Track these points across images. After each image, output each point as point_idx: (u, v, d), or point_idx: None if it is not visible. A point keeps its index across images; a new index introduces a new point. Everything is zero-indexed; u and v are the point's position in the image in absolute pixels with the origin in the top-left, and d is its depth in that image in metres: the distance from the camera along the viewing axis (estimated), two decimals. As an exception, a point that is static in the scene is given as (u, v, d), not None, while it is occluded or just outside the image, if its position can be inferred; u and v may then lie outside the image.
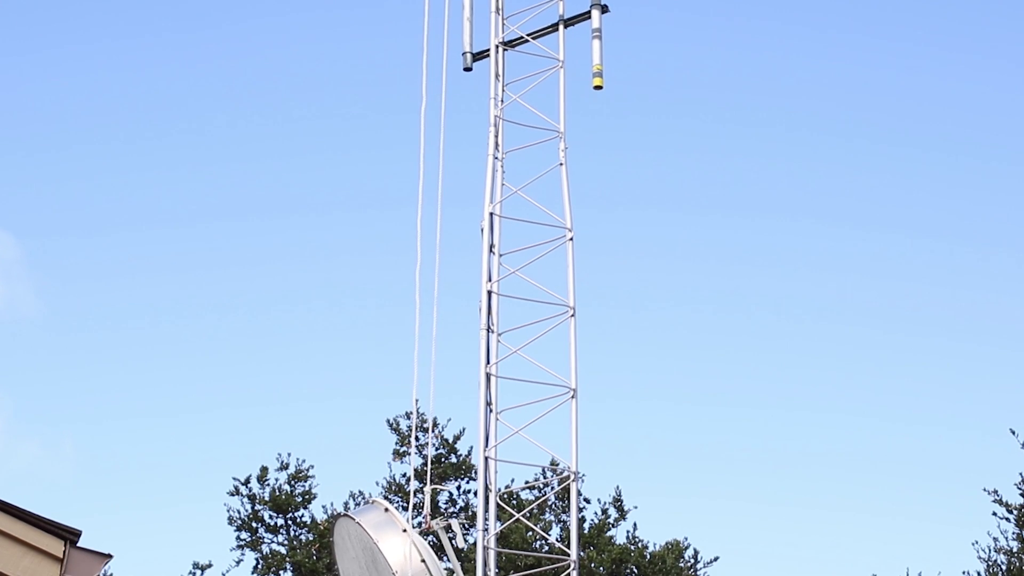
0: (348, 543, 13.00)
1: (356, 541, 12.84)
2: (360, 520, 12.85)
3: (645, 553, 24.29)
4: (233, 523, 26.03)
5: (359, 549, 12.83)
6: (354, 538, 12.88)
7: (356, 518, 12.92)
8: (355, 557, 12.91)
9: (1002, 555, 23.29)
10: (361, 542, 12.77)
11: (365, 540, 12.68)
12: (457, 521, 13.35)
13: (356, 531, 12.85)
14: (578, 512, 14.89)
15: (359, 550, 12.83)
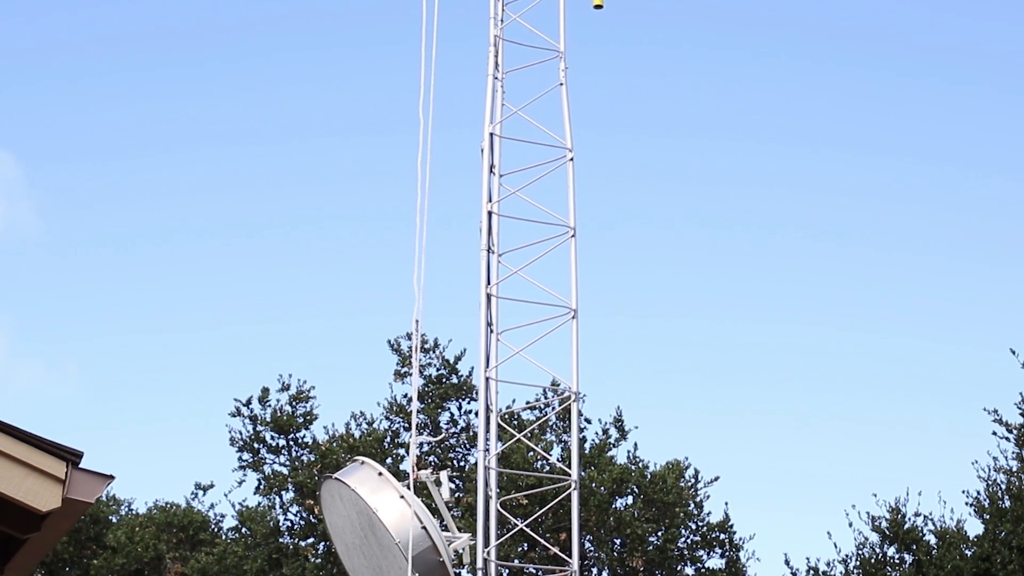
0: (339, 503, 12.81)
1: (349, 504, 12.64)
2: (355, 486, 12.57)
3: (646, 473, 24.39)
4: (235, 444, 26.15)
5: (352, 512, 12.65)
6: (346, 500, 12.67)
7: (351, 484, 12.60)
8: (346, 516, 12.74)
9: (1002, 474, 23.37)
10: (355, 505, 12.59)
11: (360, 505, 12.54)
12: (446, 473, 13.23)
13: (349, 495, 12.66)
14: (579, 432, 14.95)
15: (352, 512, 12.66)
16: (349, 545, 12.90)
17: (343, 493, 12.74)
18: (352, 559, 12.91)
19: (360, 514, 12.57)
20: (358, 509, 12.55)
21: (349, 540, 12.89)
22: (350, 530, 12.78)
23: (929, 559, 23.33)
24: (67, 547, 28.59)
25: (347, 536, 12.91)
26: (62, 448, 8.10)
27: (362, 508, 12.50)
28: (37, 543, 8.59)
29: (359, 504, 12.53)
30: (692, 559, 24.73)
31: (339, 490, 12.81)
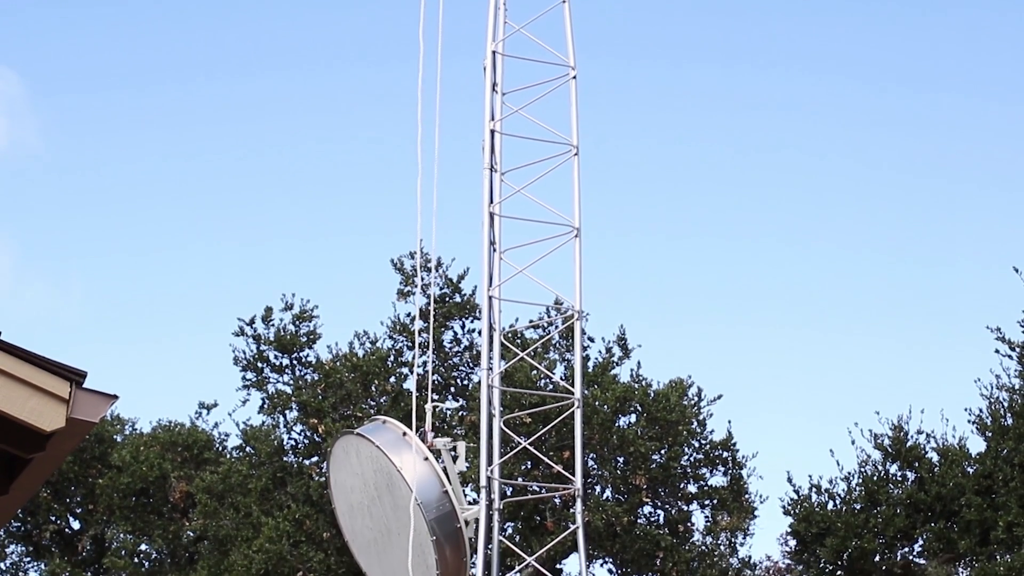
0: (353, 460, 12.68)
1: (367, 461, 12.52)
2: (380, 444, 12.54)
3: (649, 391, 24.42)
4: (239, 363, 26.18)
5: (369, 470, 12.51)
6: (365, 457, 12.55)
7: (376, 442, 12.46)
8: (359, 474, 12.59)
9: (1004, 392, 23.44)
10: (375, 463, 12.48)
11: (382, 463, 12.42)
12: (463, 444, 13.13)
13: (371, 452, 12.52)
14: (582, 351, 14.95)
15: (369, 471, 12.51)
16: (354, 505, 12.73)
17: (363, 450, 12.56)
18: (354, 520, 12.75)
19: (379, 472, 12.40)
20: (378, 467, 12.39)
21: (356, 500, 12.71)
22: (361, 489, 12.60)
23: (931, 476, 23.44)
24: (72, 466, 28.74)
25: (354, 496, 12.72)
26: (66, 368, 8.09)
27: (383, 466, 12.34)
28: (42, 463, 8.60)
29: (380, 462, 12.37)
30: (695, 477, 24.83)
31: (359, 446, 12.62)
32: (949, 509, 23.20)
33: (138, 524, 28.11)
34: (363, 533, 12.61)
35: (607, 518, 23.37)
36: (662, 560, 24.24)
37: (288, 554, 24.06)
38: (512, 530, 24.00)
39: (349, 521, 12.95)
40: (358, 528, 12.70)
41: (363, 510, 12.69)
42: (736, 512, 25.11)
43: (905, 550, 24.17)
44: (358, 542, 13.06)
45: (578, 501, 13.59)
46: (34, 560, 30.84)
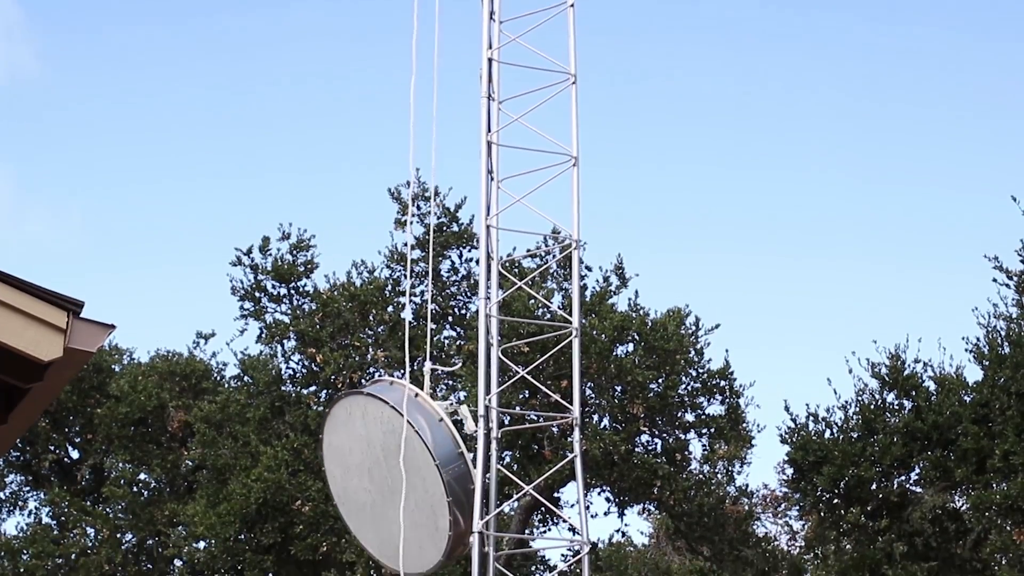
0: (357, 421, 12.32)
1: (374, 422, 12.20)
2: (396, 405, 12.27)
3: (646, 320, 24.41)
4: (236, 293, 26.18)
5: (377, 431, 12.21)
6: (372, 418, 12.28)
7: (391, 402, 12.25)
8: (362, 436, 12.28)
9: (1001, 321, 23.42)
10: (384, 424, 12.17)
11: (394, 424, 12.20)
12: (467, 407, 13.00)
13: (381, 413, 12.28)
14: (579, 280, 14.93)
15: (377, 432, 12.21)
16: (351, 466, 12.46)
17: (372, 410, 12.28)
18: (348, 481, 12.51)
19: (389, 434, 12.16)
20: (389, 428, 12.14)
21: (355, 461, 12.42)
22: (362, 450, 12.33)
23: (928, 405, 23.49)
24: (70, 396, 28.80)
25: (353, 457, 12.43)
26: (63, 298, 8.08)
27: (396, 427, 12.11)
28: (40, 393, 8.61)
29: (394, 423, 12.13)
30: (692, 406, 24.87)
31: (367, 407, 12.37)
32: (946, 438, 23.25)
33: (136, 454, 28.19)
34: (357, 495, 12.35)
35: (605, 447, 23.44)
36: (659, 488, 24.34)
37: (287, 483, 24.15)
38: (510, 459, 24.08)
39: (342, 483, 12.64)
40: (352, 490, 12.43)
41: (361, 472, 12.41)
42: (733, 441, 25.19)
43: (902, 478, 24.25)
44: (349, 504, 12.82)
45: (576, 430, 13.58)
46: (33, 489, 30.97)
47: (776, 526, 33.43)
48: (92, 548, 27.85)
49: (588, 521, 13.67)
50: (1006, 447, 21.98)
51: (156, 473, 28.34)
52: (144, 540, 28.32)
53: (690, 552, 28.15)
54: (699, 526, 25.48)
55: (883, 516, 24.20)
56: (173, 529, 26.83)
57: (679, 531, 26.40)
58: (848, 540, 25.37)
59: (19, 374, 8.31)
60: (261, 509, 24.35)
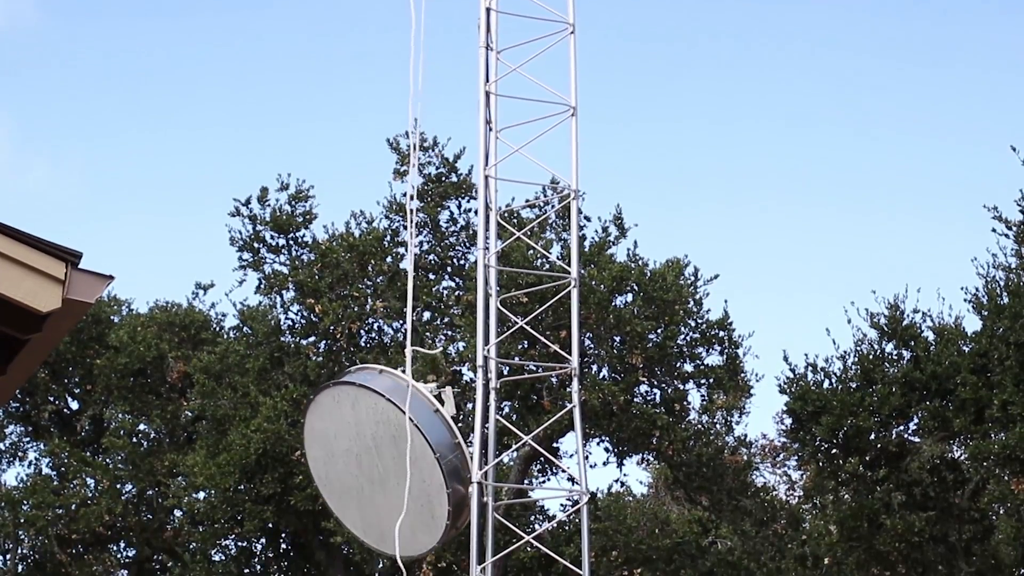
0: (347, 409, 12.19)
1: (365, 411, 12.05)
2: (392, 397, 12.07)
3: (645, 271, 24.39)
4: (235, 244, 26.14)
5: (369, 420, 11.98)
6: (363, 408, 12.16)
7: (385, 394, 12.08)
8: (351, 423, 12.03)
9: (1000, 271, 23.40)
10: (378, 415, 12.07)
11: (389, 415, 12.07)
12: (451, 390, 12.89)
13: (375, 403, 12.12)
14: (578, 230, 14.92)
15: (369, 421, 11.98)
16: (336, 452, 12.25)
17: (363, 400, 12.15)
18: (332, 466, 12.36)
19: (382, 424, 11.98)
20: (382, 419, 11.98)
21: (341, 447, 12.25)
22: (351, 437, 12.16)
23: (927, 355, 23.51)
24: (70, 347, 28.82)
25: (338, 442, 12.28)
26: (61, 248, 8.05)
27: (390, 418, 11.98)
28: (39, 344, 8.59)
29: (388, 414, 12.00)
30: (691, 356, 24.86)
31: (358, 397, 12.24)
32: (944, 388, 23.27)
33: (136, 404, 28.24)
34: (342, 480, 12.19)
35: (603, 397, 23.46)
36: (658, 439, 24.38)
37: (286, 433, 24.19)
38: (509, 409, 24.11)
39: (324, 467, 12.48)
40: (336, 474, 12.25)
41: (348, 458, 12.25)
42: (732, 391, 25.21)
43: (900, 428, 24.29)
44: (332, 486, 12.61)
45: (574, 380, 13.58)
46: (33, 440, 31.04)
47: (775, 476, 33.56)
48: (92, 498, 27.93)
49: (587, 471, 13.69)
50: (1004, 397, 22.00)
51: (156, 424, 28.40)
52: (144, 490, 28.41)
53: (689, 502, 28.23)
54: (698, 476, 25.54)
55: (881, 466, 24.26)
56: (173, 479, 26.91)
57: (678, 481, 26.47)
58: (846, 490, 25.45)
59: (17, 325, 8.28)
60: (261, 459, 24.41)
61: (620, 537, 25.42)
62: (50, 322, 8.20)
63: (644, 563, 25.28)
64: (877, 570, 25.32)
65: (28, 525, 27.49)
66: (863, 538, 24.09)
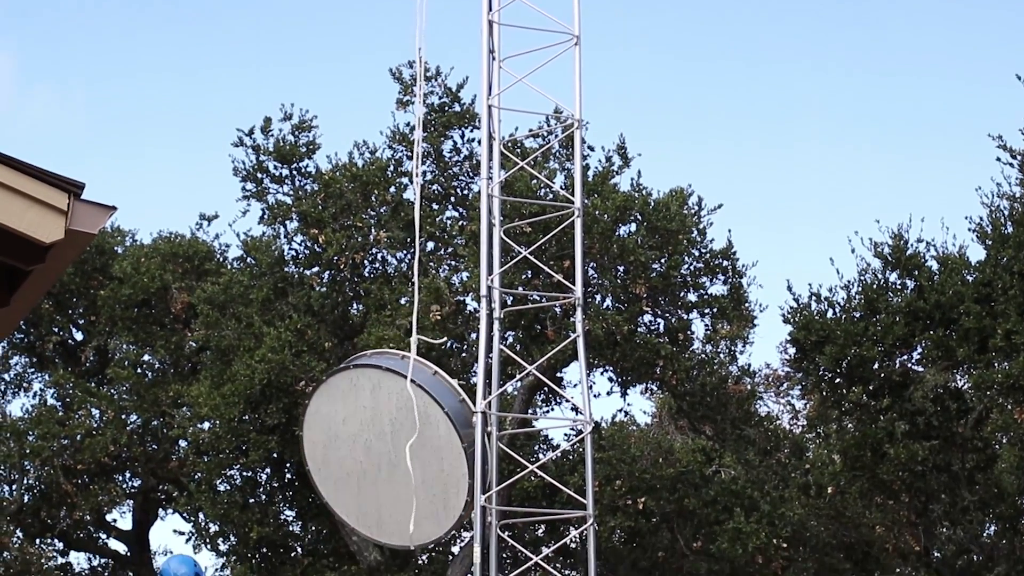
0: (365, 393, 12.02)
1: (389, 395, 11.94)
2: (420, 382, 11.97)
3: (649, 200, 24.32)
4: (238, 174, 26.09)
5: (390, 405, 11.76)
6: (386, 391, 12.00)
7: (417, 380, 11.94)
8: (366, 407, 11.90)
9: (1005, 200, 23.35)
10: (401, 401, 11.92)
11: (421, 401, 11.94)
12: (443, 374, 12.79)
13: (399, 388, 11.96)
14: (582, 160, 14.87)
15: (390, 406, 11.72)
16: (342, 435, 12.13)
17: (387, 384, 12.03)
18: (334, 450, 12.10)
19: (404, 410, 11.86)
20: (404, 405, 11.89)
21: (348, 431, 12.12)
22: (361, 421, 12.05)
23: (931, 284, 23.48)
24: (73, 278, 28.83)
25: (347, 427, 12.15)
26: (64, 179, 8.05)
27: (419, 404, 11.91)
28: (42, 274, 8.60)
29: (418, 399, 11.91)
30: (695, 286, 24.83)
31: (381, 380, 12.09)
32: (948, 317, 23.26)
33: (140, 335, 28.27)
34: (343, 465, 11.98)
35: (607, 327, 23.47)
36: (662, 368, 24.40)
37: (290, 364, 24.23)
38: (513, 339, 24.14)
39: (323, 451, 12.28)
40: (336, 459, 12.04)
41: (355, 442, 12.10)
42: (736, 320, 25.20)
43: (904, 358, 24.31)
44: (328, 471, 12.39)
45: (578, 310, 13.59)
46: (38, 371, 31.11)
47: (778, 405, 33.64)
48: (97, 429, 28.03)
49: (591, 401, 13.72)
50: (1008, 326, 22.00)
51: (160, 354, 28.44)
52: (149, 421, 28.49)
53: (692, 431, 28.31)
54: (702, 405, 25.60)
55: (885, 395, 24.31)
56: (178, 410, 26.98)
57: (682, 411, 26.53)
58: (850, 419, 25.52)
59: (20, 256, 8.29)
60: (265, 390, 24.46)
61: (624, 466, 25.50)
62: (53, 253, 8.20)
63: (648, 492, 25.36)
64: (880, 499, 25.44)
65: (33, 456, 27.60)
66: (866, 467, 24.17)
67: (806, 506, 25.84)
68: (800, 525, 25.05)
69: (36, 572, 26.87)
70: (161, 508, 31.61)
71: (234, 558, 27.23)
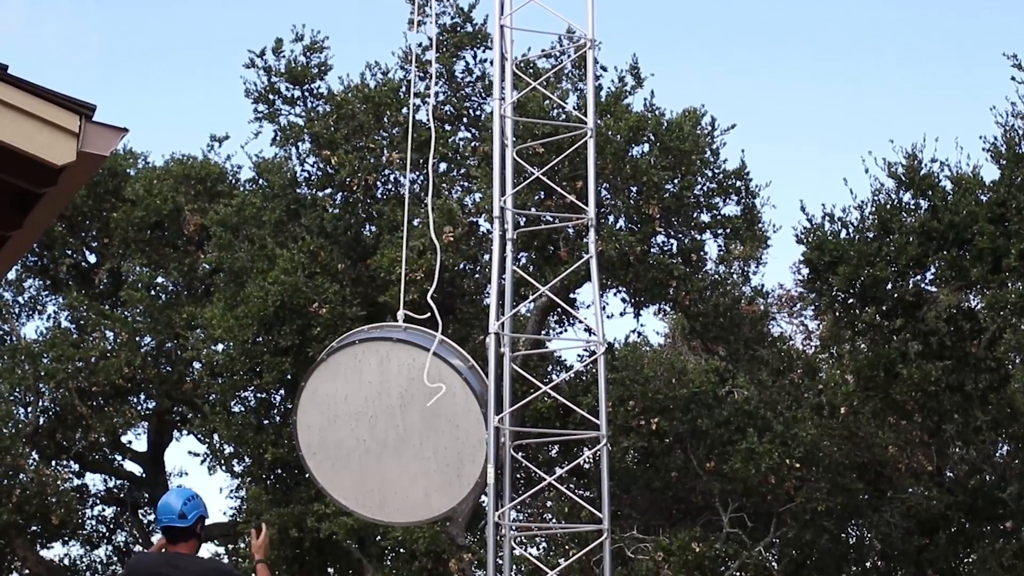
0: (372, 367, 11.77)
1: (400, 369, 11.71)
2: (443, 354, 11.74)
3: (662, 121, 24.24)
4: (250, 95, 26.02)
5: (401, 377, 11.39)
6: (396, 363, 11.76)
7: (441, 354, 11.70)
8: (372, 382, 11.79)
9: (1019, 120, 23.26)
10: (412, 372, 11.69)
11: (440, 372, 11.71)
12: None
13: (412, 360, 11.72)
14: (595, 80, 14.78)
15: (400, 378, 11.41)
16: (342, 415, 11.84)
17: (396, 356, 11.75)
18: (335, 430, 11.60)
19: (415, 381, 11.67)
20: (415, 376, 11.63)
21: (349, 410, 11.83)
22: (366, 398, 11.79)
23: (944, 204, 23.42)
24: (86, 201, 28.83)
25: (348, 405, 11.86)
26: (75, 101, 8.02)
27: (434, 374, 11.67)
28: (54, 197, 8.59)
29: (424, 370, 11.66)
30: (708, 206, 24.78)
31: (390, 352, 11.81)
32: (962, 237, 23.20)
33: (153, 257, 28.30)
34: (342, 445, 11.60)
35: (620, 247, 23.46)
36: (675, 289, 24.40)
37: (303, 286, 24.26)
38: (526, 260, 24.14)
39: (319, 433, 11.90)
40: (333, 440, 11.67)
41: (358, 420, 11.79)
42: (749, 241, 25.17)
43: (917, 278, 24.28)
44: (324, 453, 12.14)
45: (591, 231, 13.56)
46: (52, 294, 31.18)
47: (791, 326, 33.65)
48: (112, 351, 28.12)
49: (604, 322, 13.70)
50: (1022, 246, 21.96)
51: (173, 276, 28.49)
52: (163, 343, 28.58)
53: (706, 352, 28.35)
54: (715, 326, 25.63)
55: (898, 316, 24.31)
56: (191, 332, 27.04)
57: (695, 331, 26.56)
58: (863, 340, 25.54)
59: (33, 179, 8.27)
60: (278, 312, 24.51)
61: (637, 387, 25.55)
62: (65, 175, 8.19)
63: (661, 413, 25.43)
64: (893, 419, 25.49)
65: (48, 378, 27.71)
66: (879, 387, 24.21)
67: (819, 426, 25.90)
68: (813, 445, 25.13)
69: (52, 494, 27.04)
70: (176, 430, 31.78)
71: (248, 479, 27.39)
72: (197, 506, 10.05)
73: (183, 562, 9.84)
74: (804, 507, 25.11)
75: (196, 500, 10.13)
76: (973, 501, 26.33)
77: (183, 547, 9.95)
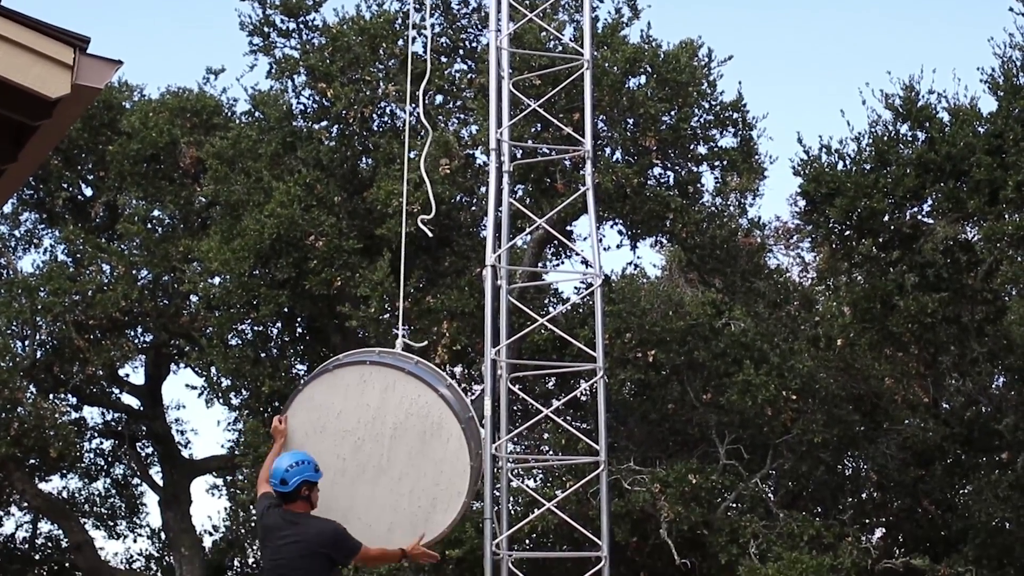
0: (375, 391, 11.60)
1: (401, 401, 11.58)
2: (449, 401, 11.65)
3: (659, 53, 24.15)
4: (245, 28, 25.92)
5: (399, 410, 11.55)
6: (399, 395, 11.61)
7: (447, 400, 11.61)
8: (369, 406, 11.59)
9: (1017, 51, 23.14)
10: (413, 407, 11.60)
11: (431, 412, 11.62)
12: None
13: (417, 396, 11.62)
14: (591, 11, 14.73)
15: (398, 411, 11.55)
16: (331, 430, 11.60)
17: (402, 388, 11.64)
18: (319, 441, 11.48)
19: (414, 417, 11.58)
20: (416, 412, 11.55)
21: (341, 426, 11.60)
22: (359, 419, 11.59)
23: (942, 136, 23.35)
24: (81, 134, 28.73)
25: (341, 422, 11.62)
26: (69, 33, 7.99)
27: (429, 414, 11.59)
28: (49, 130, 8.57)
29: (429, 410, 11.58)
30: (705, 138, 24.72)
31: (397, 382, 11.68)
32: (959, 169, 23.14)
33: (149, 190, 28.24)
34: (320, 457, 11.20)
35: (617, 179, 23.43)
36: (672, 221, 24.39)
37: (300, 219, 24.24)
38: (522, 192, 24.12)
39: (303, 438, 11.60)
40: (314, 451, 11.29)
41: (344, 439, 11.56)
42: (746, 173, 25.14)
43: (914, 210, 24.24)
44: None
45: (588, 163, 13.54)
46: (48, 227, 31.14)
47: (788, 258, 33.67)
48: (108, 284, 28.12)
49: (600, 254, 13.70)
50: (1019, 178, 21.92)
51: (169, 209, 28.45)
52: (160, 276, 28.58)
53: (702, 284, 28.38)
54: (711, 258, 25.64)
55: (895, 247, 24.30)
56: (188, 265, 27.04)
57: (691, 263, 26.57)
58: (860, 271, 25.54)
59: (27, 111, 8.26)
60: (275, 244, 24.50)
61: (634, 319, 25.58)
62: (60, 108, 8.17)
63: (658, 345, 25.48)
64: (889, 351, 25.54)
65: (45, 311, 27.71)
66: (876, 319, 24.24)
67: (815, 358, 25.97)
68: (809, 377, 25.21)
69: (50, 427, 27.12)
70: (173, 363, 31.83)
71: (246, 412, 27.47)
72: (299, 471, 10.80)
73: (301, 520, 10.77)
74: (800, 439, 25.22)
75: (299, 467, 10.85)
76: (969, 433, 26.43)
77: (296, 507, 10.87)
